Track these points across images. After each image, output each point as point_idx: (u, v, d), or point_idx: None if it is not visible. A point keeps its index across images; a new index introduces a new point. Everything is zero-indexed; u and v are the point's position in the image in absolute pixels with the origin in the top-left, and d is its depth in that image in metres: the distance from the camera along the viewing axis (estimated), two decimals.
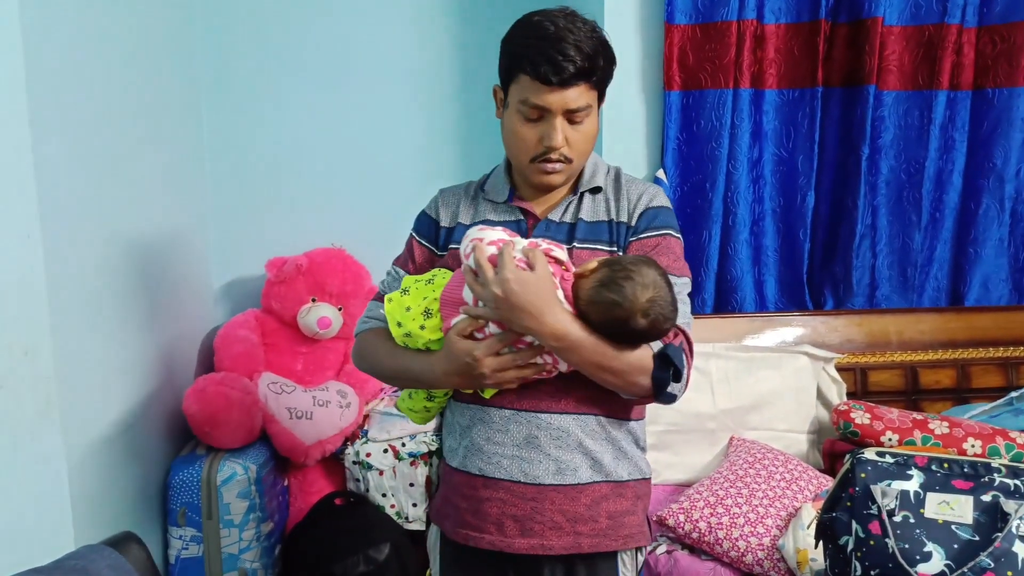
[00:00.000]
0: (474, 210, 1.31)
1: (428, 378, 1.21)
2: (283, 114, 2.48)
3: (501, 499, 1.21)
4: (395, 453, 2.20)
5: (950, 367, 2.25)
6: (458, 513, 1.25)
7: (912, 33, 2.25)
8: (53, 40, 1.48)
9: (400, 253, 1.37)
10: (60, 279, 1.45)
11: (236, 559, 2.04)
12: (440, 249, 1.31)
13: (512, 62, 1.19)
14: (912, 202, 2.34)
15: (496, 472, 1.21)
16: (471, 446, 1.23)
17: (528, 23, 1.19)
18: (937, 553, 1.32)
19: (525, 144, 1.21)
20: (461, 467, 1.25)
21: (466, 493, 1.24)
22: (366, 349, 1.31)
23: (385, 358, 1.26)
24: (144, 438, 1.95)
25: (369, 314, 1.34)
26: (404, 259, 1.35)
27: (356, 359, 1.34)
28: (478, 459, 1.22)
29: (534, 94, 1.16)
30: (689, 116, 2.24)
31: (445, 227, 1.31)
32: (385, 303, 1.23)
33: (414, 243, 1.34)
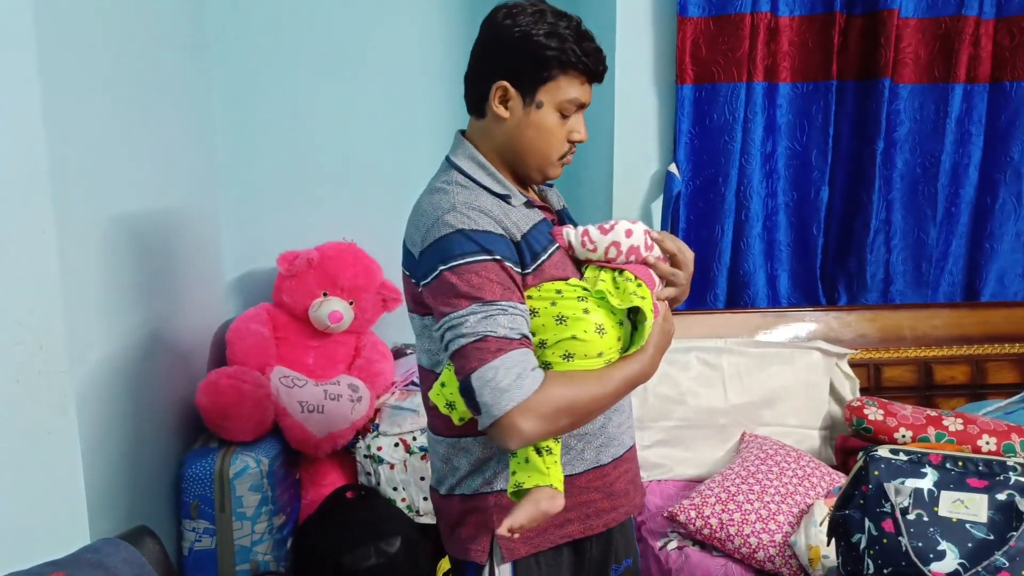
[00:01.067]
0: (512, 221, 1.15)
1: (645, 368, 1.15)
2: (295, 109, 2.48)
3: (626, 469, 1.28)
4: (406, 447, 2.21)
5: (965, 363, 2.24)
6: (588, 511, 1.23)
7: (928, 25, 2.22)
8: (67, 35, 1.49)
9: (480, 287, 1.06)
10: (73, 274, 1.46)
11: (249, 551, 2.05)
12: (523, 269, 1.13)
13: (552, 60, 1.13)
14: (927, 196, 2.32)
15: (621, 449, 1.27)
16: (607, 438, 1.24)
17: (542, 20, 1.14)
18: (951, 552, 1.31)
19: (560, 141, 1.19)
20: (594, 465, 1.23)
21: (596, 486, 1.24)
22: (563, 399, 1.05)
23: (596, 388, 1.08)
24: (157, 431, 1.96)
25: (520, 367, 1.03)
26: (504, 290, 1.07)
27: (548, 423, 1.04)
28: (611, 447, 1.25)
29: (580, 91, 1.17)
30: (702, 110, 2.22)
31: (517, 242, 1.13)
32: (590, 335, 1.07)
33: (509, 270, 1.09)
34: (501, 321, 1.04)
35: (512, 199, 1.18)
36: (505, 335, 1.03)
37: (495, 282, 1.06)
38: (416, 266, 1.13)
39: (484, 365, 1.01)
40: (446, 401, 1.12)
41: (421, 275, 1.11)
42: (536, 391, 1.02)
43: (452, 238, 1.07)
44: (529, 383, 1.02)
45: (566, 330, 1.07)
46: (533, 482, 1.07)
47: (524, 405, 1.01)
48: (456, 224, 1.08)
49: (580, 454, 1.21)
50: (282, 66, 2.46)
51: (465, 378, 1.03)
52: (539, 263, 1.13)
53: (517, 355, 1.03)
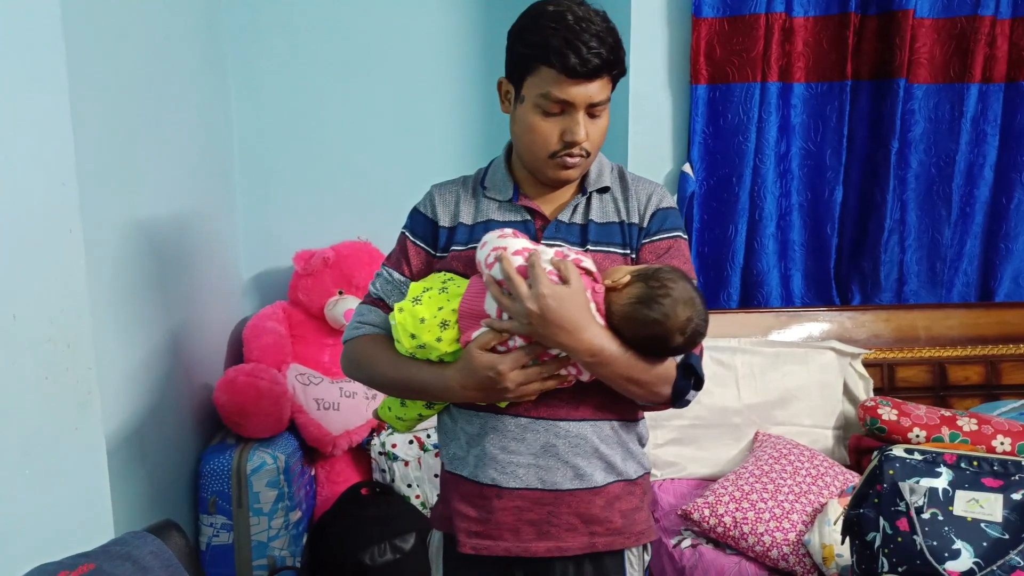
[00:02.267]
0: (475, 209, 1.24)
1: (440, 391, 1.15)
2: (311, 109, 2.50)
3: (517, 507, 1.18)
4: (420, 444, 2.22)
5: (979, 363, 2.23)
6: (468, 523, 1.21)
7: (944, 25, 2.22)
8: (92, 40, 1.51)
9: (390, 253, 1.29)
10: (99, 274, 1.48)
11: (265, 547, 2.08)
12: (439, 250, 1.24)
13: (531, 53, 1.12)
14: (942, 196, 2.31)
15: (511, 482, 1.17)
16: (483, 455, 1.18)
17: (542, 12, 1.13)
18: (966, 551, 1.32)
19: (544, 139, 1.15)
20: (472, 477, 1.20)
21: (478, 503, 1.20)
22: (362, 357, 1.23)
23: (387, 368, 1.19)
24: (176, 427, 1.99)
25: (361, 319, 1.25)
26: (397, 260, 1.26)
27: (349, 368, 1.25)
28: (492, 469, 1.18)
29: (557, 87, 1.11)
30: (716, 110, 2.23)
31: (445, 227, 1.23)
32: (395, 312, 1.15)
33: (408, 243, 1.26)
34: (377, 282, 1.28)
35: (494, 192, 1.24)
36: (373, 293, 1.27)
37: (396, 250, 1.29)
38: None
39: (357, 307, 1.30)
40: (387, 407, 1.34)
41: None
42: (353, 339, 1.25)
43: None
44: (353, 331, 1.26)
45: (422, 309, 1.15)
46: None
47: (346, 344, 1.27)
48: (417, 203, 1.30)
49: (463, 459, 1.22)
50: (298, 66, 2.48)
51: None
52: (449, 252, 1.23)
53: (363, 307, 1.27)
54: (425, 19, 2.50)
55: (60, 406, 1.16)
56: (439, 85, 2.53)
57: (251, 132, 2.49)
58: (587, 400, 1.18)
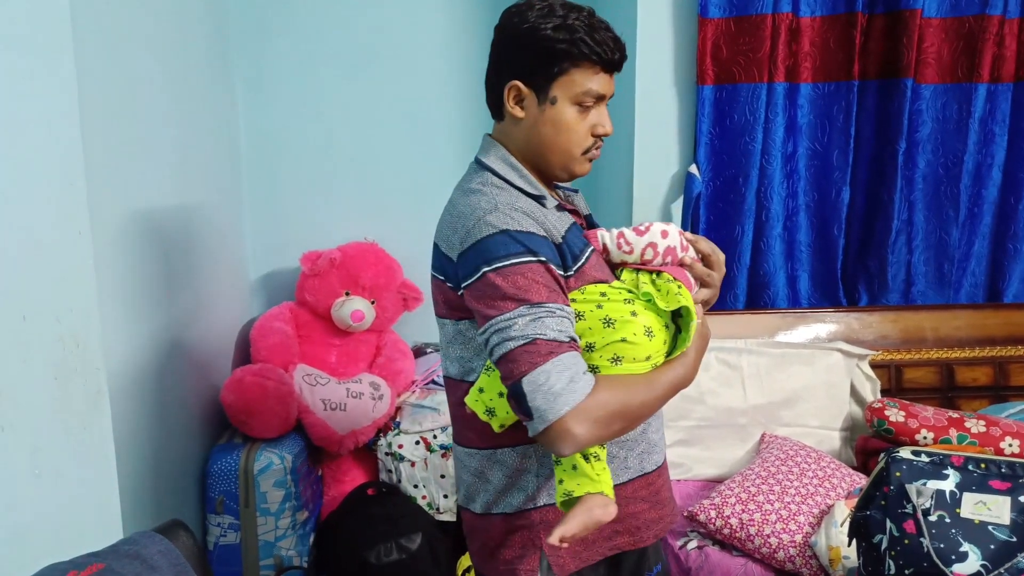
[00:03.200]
0: (549, 222, 1.13)
1: (689, 372, 1.14)
2: (318, 110, 2.52)
3: (667, 476, 1.28)
4: (427, 445, 2.23)
5: (987, 364, 2.22)
6: (635, 520, 1.20)
7: (952, 25, 2.21)
8: (101, 41, 1.52)
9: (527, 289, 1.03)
10: (107, 274, 1.49)
11: (272, 546, 2.08)
12: (565, 271, 1.11)
13: (561, 53, 1.11)
14: (949, 197, 2.31)
15: (661, 457, 1.26)
16: (648, 445, 1.22)
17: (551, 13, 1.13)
18: (973, 553, 1.31)
19: (581, 136, 1.15)
20: (639, 474, 1.21)
21: (642, 495, 1.21)
22: (613, 404, 1.03)
23: (644, 393, 1.07)
24: (184, 428, 2.00)
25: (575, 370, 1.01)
26: (552, 292, 1.05)
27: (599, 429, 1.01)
28: (653, 454, 1.24)
29: (596, 82, 1.13)
30: (722, 110, 2.22)
31: (558, 244, 1.11)
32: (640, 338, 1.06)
33: (552, 271, 1.07)
34: (549, 324, 1.01)
35: (546, 201, 1.15)
36: (555, 338, 1.01)
37: (541, 284, 1.04)
38: (454, 269, 1.10)
39: (535, 369, 0.99)
40: (485, 408, 1.09)
41: (461, 277, 1.08)
42: (588, 395, 1.00)
43: (496, 239, 1.05)
44: (582, 387, 1.00)
45: (614, 333, 1.06)
46: (584, 489, 1.03)
47: (578, 409, 0.99)
48: (499, 224, 1.06)
49: (624, 462, 1.18)
50: (305, 67, 2.49)
51: (515, 382, 1.00)
52: (579, 265, 1.11)
53: (568, 359, 1.00)
54: (432, 19, 2.51)
55: (69, 406, 1.17)
56: (446, 86, 2.54)
57: (258, 133, 2.50)
58: None
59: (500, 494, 1.17)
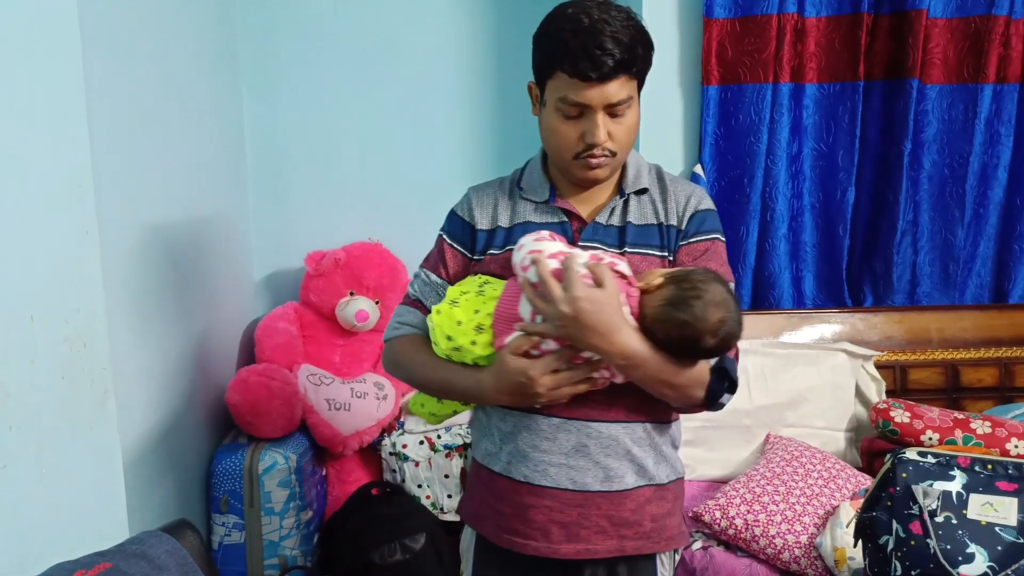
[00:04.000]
0: (512, 211, 1.24)
1: (474, 394, 1.18)
2: (322, 112, 2.52)
3: (547, 506, 1.19)
4: (430, 445, 2.23)
5: (993, 365, 2.22)
6: (501, 518, 1.22)
7: (958, 25, 2.21)
8: (108, 46, 1.53)
9: (428, 254, 1.30)
10: (114, 274, 1.50)
11: (276, 546, 2.08)
12: (476, 253, 1.25)
13: (548, 59, 1.14)
14: (955, 197, 2.30)
15: (543, 480, 1.18)
16: (516, 452, 1.20)
17: (561, 15, 1.14)
18: (980, 555, 1.31)
19: (567, 142, 1.16)
20: (504, 473, 1.22)
21: (510, 499, 1.21)
22: (402, 357, 1.26)
23: (424, 369, 1.22)
24: (189, 427, 2.00)
25: (400, 319, 1.28)
26: (435, 262, 1.28)
27: (389, 366, 1.29)
28: (523, 466, 1.19)
29: (573, 91, 1.12)
30: (727, 111, 2.22)
31: (483, 230, 1.24)
32: (433, 315, 1.17)
33: (446, 246, 1.27)
34: (415, 283, 1.30)
35: (531, 193, 1.24)
36: (411, 294, 1.30)
37: (434, 251, 1.30)
38: None
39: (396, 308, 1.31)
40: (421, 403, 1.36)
41: None
42: (393, 339, 1.28)
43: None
44: (393, 331, 1.28)
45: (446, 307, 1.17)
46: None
47: (387, 343, 1.29)
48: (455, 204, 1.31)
49: (496, 455, 1.23)
50: (309, 69, 2.49)
51: None
52: (486, 256, 1.24)
53: (401, 308, 1.30)
54: (438, 20, 2.51)
55: (76, 405, 1.17)
56: (451, 86, 2.54)
57: (263, 134, 2.50)
58: (620, 401, 1.18)
59: None
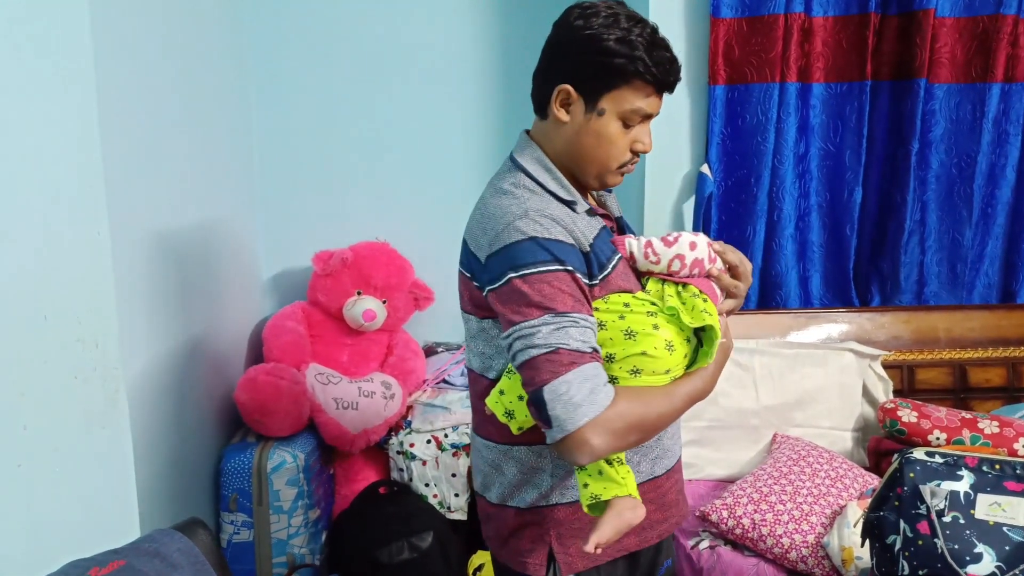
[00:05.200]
0: (578, 228, 1.13)
1: (708, 384, 1.14)
2: (329, 112, 2.53)
3: (675, 480, 1.29)
4: (438, 444, 2.24)
5: (1000, 365, 2.21)
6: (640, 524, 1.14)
7: (966, 25, 2.20)
8: (119, 46, 1.54)
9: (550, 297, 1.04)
10: (124, 275, 1.51)
11: (285, 544, 2.10)
12: (590, 279, 1.11)
13: (618, 68, 1.10)
14: (963, 197, 2.30)
15: (671, 461, 1.27)
16: (661, 451, 1.24)
17: (615, 24, 1.10)
18: (988, 555, 1.31)
19: (620, 151, 1.15)
20: (650, 476, 1.23)
21: (650, 498, 1.21)
22: (632, 416, 1.03)
23: (662, 404, 1.08)
24: (198, 426, 2.01)
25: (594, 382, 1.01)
26: (574, 301, 1.05)
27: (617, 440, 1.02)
28: (665, 459, 1.25)
29: (644, 102, 1.12)
30: (734, 111, 2.22)
31: (586, 253, 1.12)
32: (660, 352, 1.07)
33: (578, 280, 1.07)
34: (573, 334, 1.02)
35: (577, 206, 1.15)
36: (577, 348, 1.02)
37: (566, 293, 1.04)
38: (481, 270, 1.11)
39: (557, 378, 1.00)
40: (505, 410, 1.11)
41: (487, 280, 1.09)
42: (607, 407, 1.01)
43: (524, 245, 1.05)
44: (602, 398, 1.01)
45: (635, 345, 1.06)
46: (611, 493, 1.06)
47: (596, 421, 0.99)
48: (528, 231, 1.06)
49: (636, 466, 1.20)
50: (316, 70, 2.50)
51: (537, 390, 1.01)
52: (605, 274, 1.12)
53: (590, 369, 1.01)
54: (442, 23, 2.51)
55: (88, 405, 1.18)
56: (456, 88, 2.55)
57: (271, 134, 2.52)
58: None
59: (514, 488, 1.19)
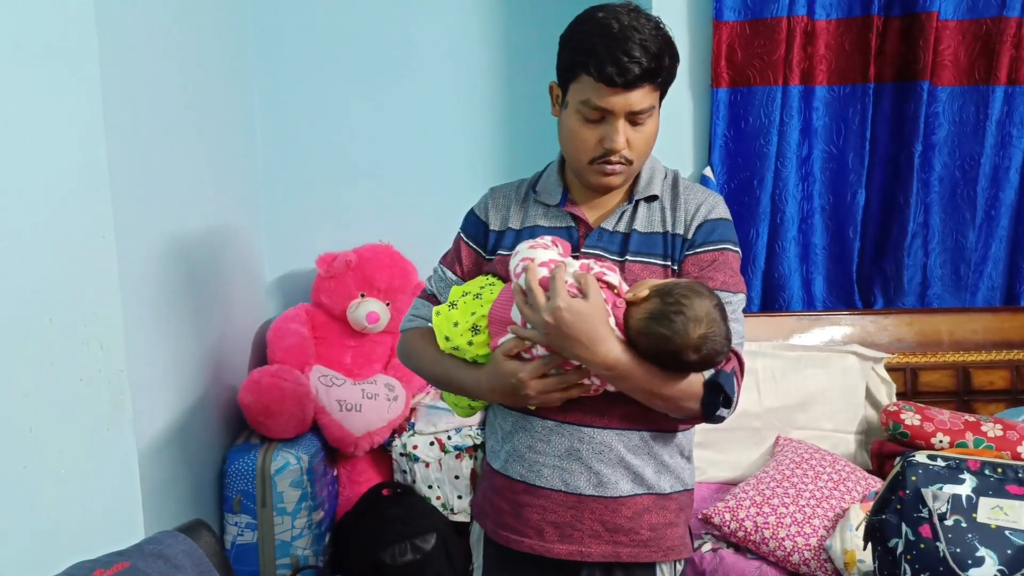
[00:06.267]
0: (524, 214, 1.26)
1: (472, 391, 1.22)
2: (333, 115, 2.53)
3: (541, 505, 1.21)
4: (441, 446, 2.24)
5: (1004, 368, 2.21)
6: (499, 515, 1.26)
7: (969, 27, 2.20)
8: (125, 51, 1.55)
9: (447, 250, 1.35)
10: (130, 277, 1.52)
11: (288, 546, 2.10)
12: (488, 253, 1.28)
13: (573, 61, 1.14)
14: (966, 199, 2.29)
15: (537, 480, 1.21)
16: (512, 451, 1.23)
17: (591, 19, 1.13)
18: (990, 558, 1.31)
19: (585, 145, 1.16)
20: (502, 470, 1.25)
21: (507, 496, 1.24)
22: (412, 349, 1.31)
23: (430, 363, 1.26)
24: (202, 428, 2.02)
25: (415, 312, 1.34)
26: (451, 259, 1.32)
27: (402, 356, 1.36)
28: (519, 465, 1.22)
29: (596, 95, 1.12)
30: (737, 113, 2.23)
31: (494, 231, 1.28)
32: (433, 316, 1.21)
33: (462, 244, 1.31)
34: (432, 278, 1.34)
35: (544, 196, 1.26)
36: (427, 289, 1.34)
37: (451, 248, 1.34)
38: None
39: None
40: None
41: None
42: (406, 330, 1.33)
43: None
44: (408, 323, 1.34)
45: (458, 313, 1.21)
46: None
47: (401, 334, 1.35)
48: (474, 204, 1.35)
49: (497, 453, 1.28)
50: (320, 72, 2.51)
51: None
52: (495, 256, 1.27)
53: (418, 301, 1.34)
54: (446, 25, 2.52)
55: (94, 407, 1.19)
56: (459, 90, 2.55)
57: (275, 138, 2.52)
58: (615, 409, 1.18)
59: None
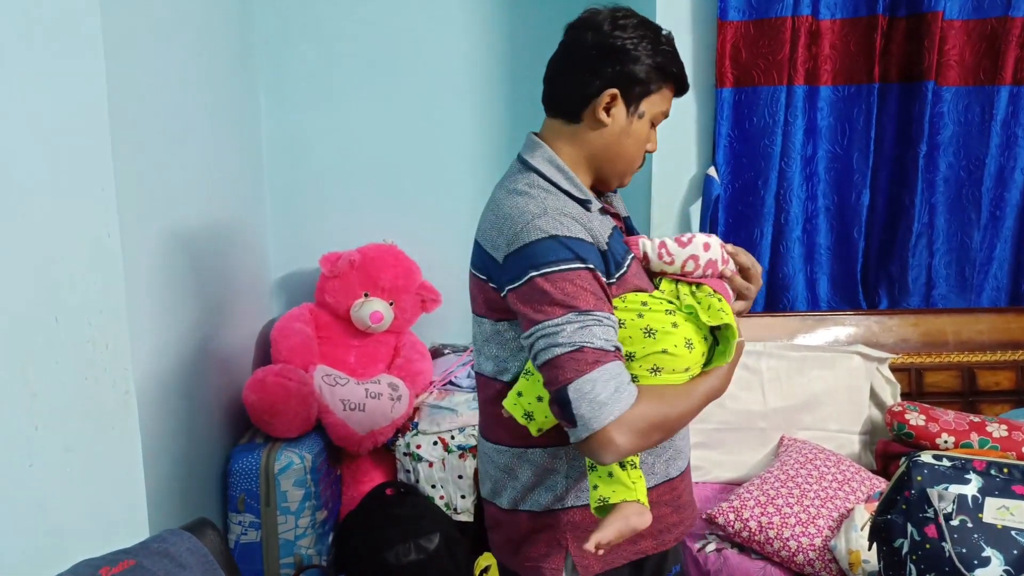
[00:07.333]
0: (594, 227, 1.14)
1: (723, 386, 1.15)
2: (338, 115, 2.54)
3: (688, 481, 1.29)
4: (444, 445, 2.24)
5: (1009, 368, 2.21)
6: (656, 527, 1.17)
7: (974, 27, 2.20)
8: (130, 48, 1.55)
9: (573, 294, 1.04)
10: (135, 276, 1.52)
11: (292, 545, 2.11)
12: (608, 277, 1.12)
13: (659, 72, 1.17)
14: (971, 200, 2.29)
15: (684, 462, 1.27)
16: (675, 452, 1.24)
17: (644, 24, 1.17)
18: (996, 558, 1.30)
19: (642, 151, 1.23)
20: (665, 477, 1.22)
21: (666, 499, 1.22)
22: (655, 415, 1.04)
23: (681, 404, 1.09)
24: (206, 427, 2.02)
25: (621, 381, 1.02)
26: (597, 300, 1.06)
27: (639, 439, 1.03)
28: (679, 460, 1.25)
29: (668, 105, 1.22)
30: (741, 113, 2.22)
31: (603, 251, 1.13)
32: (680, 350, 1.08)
33: (599, 279, 1.08)
34: (596, 332, 1.02)
35: (591, 205, 1.16)
36: (601, 346, 1.02)
37: (589, 291, 1.04)
38: (498, 270, 1.10)
39: (582, 376, 1.00)
40: (524, 411, 1.10)
41: (507, 280, 1.08)
42: (632, 406, 1.02)
43: (545, 244, 1.05)
44: (627, 397, 1.01)
45: (655, 344, 1.07)
46: (619, 497, 1.05)
47: (621, 419, 1.00)
48: (549, 229, 1.06)
49: (651, 468, 1.19)
50: (325, 72, 2.51)
51: (561, 388, 1.01)
52: (622, 273, 1.13)
53: (614, 368, 1.02)
54: (452, 24, 2.52)
55: (99, 405, 1.19)
56: (464, 89, 2.55)
57: (280, 137, 2.53)
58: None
59: (528, 491, 1.18)
